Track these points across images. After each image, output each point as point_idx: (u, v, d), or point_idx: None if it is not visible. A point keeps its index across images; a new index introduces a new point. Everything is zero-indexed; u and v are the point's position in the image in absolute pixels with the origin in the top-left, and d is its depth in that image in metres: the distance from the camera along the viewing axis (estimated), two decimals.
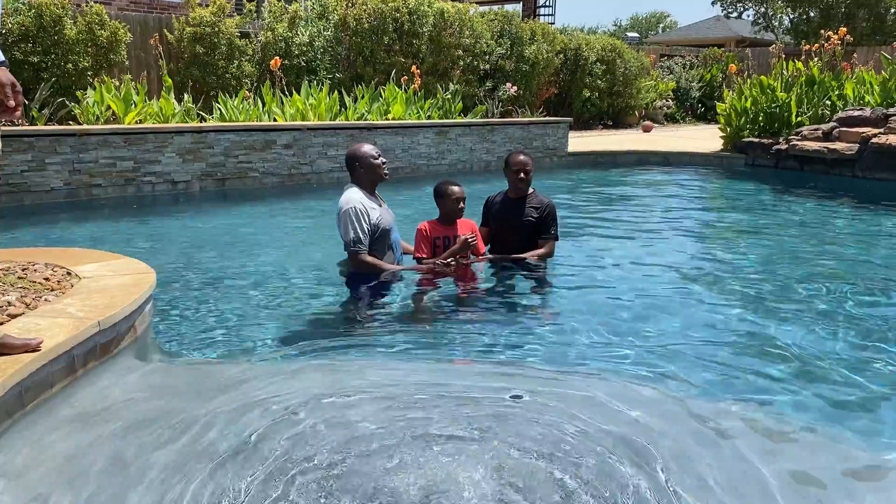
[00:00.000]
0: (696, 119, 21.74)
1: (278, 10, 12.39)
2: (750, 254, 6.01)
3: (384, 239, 4.54)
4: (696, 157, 12.57)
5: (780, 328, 3.98)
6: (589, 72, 17.60)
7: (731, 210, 8.57)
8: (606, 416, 2.86)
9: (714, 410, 2.99)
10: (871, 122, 10.42)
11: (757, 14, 33.62)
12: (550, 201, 4.97)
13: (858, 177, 10.11)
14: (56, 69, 9.27)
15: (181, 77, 11.12)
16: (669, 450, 2.58)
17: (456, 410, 2.87)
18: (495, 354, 3.61)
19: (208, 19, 11.26)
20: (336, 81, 12.06)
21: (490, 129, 11.43)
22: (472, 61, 13.89)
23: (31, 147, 7.30)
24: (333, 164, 9.48)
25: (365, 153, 4.54)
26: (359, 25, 12.30)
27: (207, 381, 3.20)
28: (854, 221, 7.48)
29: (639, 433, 2.70)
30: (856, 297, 4.58)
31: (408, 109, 10.88)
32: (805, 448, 2.73)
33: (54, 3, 9.36)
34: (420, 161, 10.48)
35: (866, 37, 27.49)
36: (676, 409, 2.99)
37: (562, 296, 4.60)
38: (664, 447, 2.60)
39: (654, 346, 3.69)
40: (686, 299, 4.57)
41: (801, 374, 3.39)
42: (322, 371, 3.39)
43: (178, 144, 8.24)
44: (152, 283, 3.73)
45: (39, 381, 2.78)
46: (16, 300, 3.30)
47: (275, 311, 4.22)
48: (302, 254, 5.74)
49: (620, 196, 9.44)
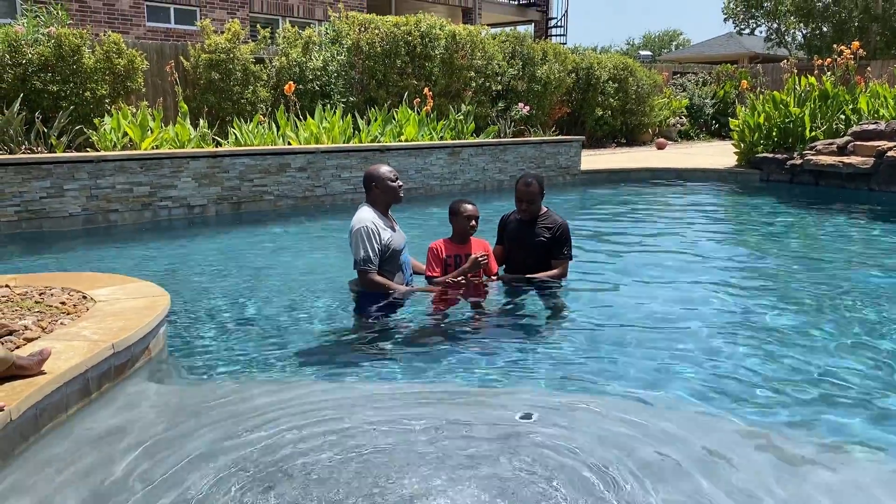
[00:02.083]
0: (710, 136, 21.69)
1: (292, 36, 12.56)
2: (767, 271, 5.96)
3: (394, 259, 4.56)
4: (711, 173, 12.53)
5: (801, 347, 3.95)
6: (601, 90, 17.64)
7: (747, 226, 8.51)
8: (617, 436, 2.84)
9: (732, 433, 2.96)
10: (887, 135, 10.36)
11: (769, 30, 33.61)
12: (564, 221, 4.94)
13: (875, 190, 10.04)
14: (75, 97, 9.43)
15: (197, 103, 11.28)
16: (678, 471, 2.56)
17: (464, 431, 2.87)
18: (505, 374, 3.60)
19: (223, 46, 11.43)
20: (350, 105, 12.17)
21: (502, 149, 11.47)
22: (485, 82, 13.97)
23: (49, 174, 7.41)
24: (347, 186, 9.55)
25: (382, 174, 4.56)
26: (372, 49, 12.42)
27: (221, 401, 3.22)
28: (875, 235, 7.40)
29: (650, 454, 2.68)
30: (879, 314, 4.54)
31: (420, 131, 10.95)
32: (816, 470, 2.70)
33: (73, 34, 9.54)
34: (433, 181, 10.53)
35: (880, 50, 27.39)
36: (686, 431, 2.97)
37: (575, 316, 4.58)
38: (673, 469, 2.58)
39: (670, 367, 3.66)
40: (702, 319, 4.53)
41: (814, 391, 3.35)
42: (334, 392, 3.40)
43: (193, 169, 8.34)
44: (166, 306, 3.77)
45: (54, 403, 2.81)
46: (32, 324, 3.35)
47: (287, 332, 4.24)
48: (314, 274, 5.77)
49: (634, 214, 9.42)
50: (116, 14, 15.26)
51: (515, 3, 26.05)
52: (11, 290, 3.93)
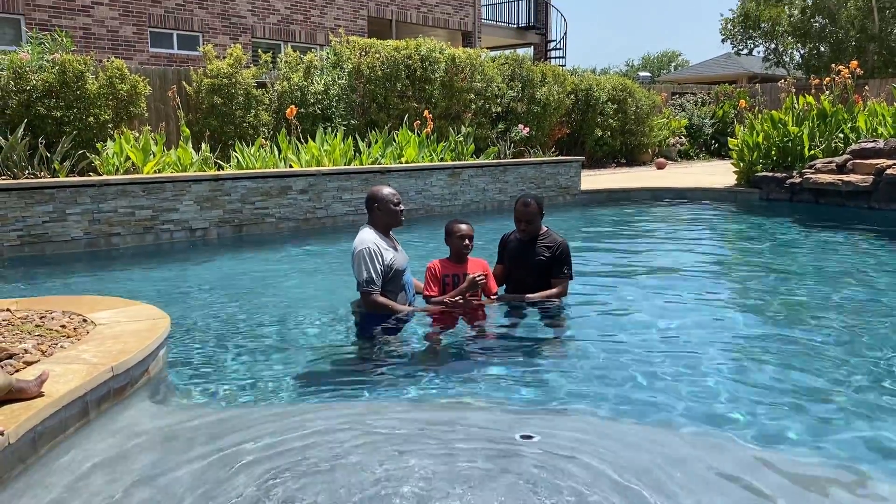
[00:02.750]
0: (709, 155, 21.77)
1: (294, 61, 12.68)
2: (768, 290, 5.96)
3: (397, 280, 4.57)
4: (711, 192, 12.56)
5: (801, 367, 3.94)
6: (600, 111, 17.75)
7: (747, 245, 8.52)
8: (616, 457, 2.84)
9: (734, 454, 2.95)
10: (885, 153, 10.39)
11: (767, 50, 33.84)
12: (563, 240, 4.96)
13: (875, 208, 10.05)
14: (78, 122, 9.51)
15: (199, 127, 11.37)
16: (680, 494, 2.55)
17: (466, 452, 2.86)
18: (505, 395, 3.60)
19: (225, 71, 11.54)
20: (351, 128, 12.25)
21: (502, 170, 11.53)
22: (484, 104, 14.07)
23: (52, 198, 7.46)
24: (348, 208, 9.59)
25: (385, 196, 4.59)
26: (372, 73, 12.53)
27: (221, 425, 3.22)
28: (876, 253, 7.40)
29: (649, 476, 2.67)
30: (881, 332, 4.53)
31: (421, 152, 11.02)
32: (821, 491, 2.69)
33: (77, 60, 9.65)
34: (433, 202, 10.57)
35: (878, 69, 27.54)
36: (687, 452, 2.96)
37: (575, 336, 4.58)
38: (675, 492, 2.57)
39: (668, 387, 3.65)
40: (702, 339, 4.52)
41: (815, 413, 3.34)
42: (334, 413, 3.40)
43: (195, 192, 8.38)
44: (166, 329, 3.79)
45: (53, 426, 2.81)
46: (32, 347, 3.36)
47: (288, 353, 4.24)
48: (316, 295, 5.78)
49: (634, 233, 9.43)
50: (120, 40, 15.43)
51: (515, 27, 26.27)
52: (12, 314, 3.95)
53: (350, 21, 19.54)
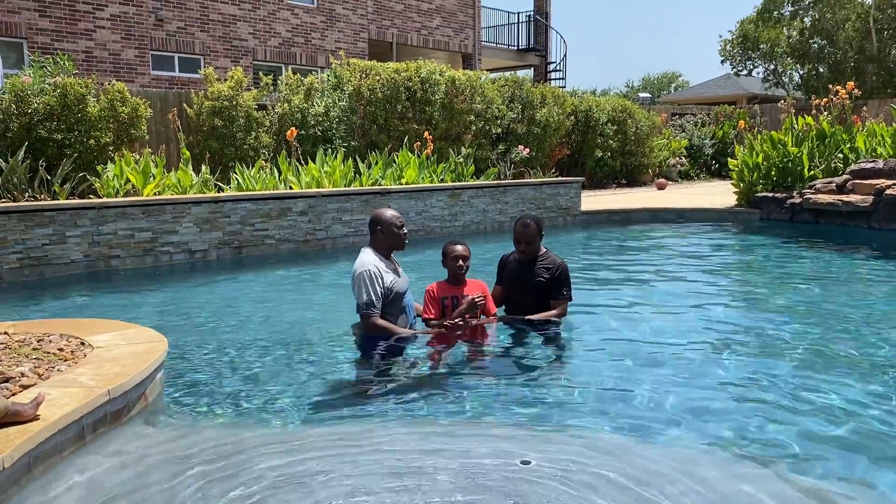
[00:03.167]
0: (710, 175, 21.83)
1: (295, 83, 12.75)
2: (770, 310, 5.94)
3: (397, 302, 4.55)
4: (711, 213, 12.57)
5: (800, 386, 3.92)
6: (600, 132, 17.82)
7: (748, 265, 8.51)
8: (617, 476, 2.81)
9: (735, 474, 2.92)
10: (885, 173, 10.42)
11: (766, 71, 34.05)
12: (563, 262, 4.95)
13: (875, 228, 10.05)
14: (79, 145, 9.53)
15: (200, 149, 11.40)
16: None
17: (466, 475, 2.83)
18: (506, 417, 3.57)
19: (226, 93, 11.60)
20: (351, 149, 12.29)
21: (503, 191, 11.55)
22: (484, 125, 14.13)
23: (52, 221, 7.47)
24: (348, 229, 9.60)
25: (388, 219, 4.57)
26: (373, 95, 12.60)
27: (217, 447, 3.19)
28: (877, 274, 7.38)
29: (651, 494, 2.64)
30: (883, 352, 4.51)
31: (421, 174, 11.05)
32: None
33: (78, 83, 9.70)
34: (433, 223, 10.58)
35: (877, 90, 27.69)
36: (689, 476, 2.93)
37: (574, 357, 4.56)
38: None
39: (668, 408, 3.63)
40: (702, 359, 4.50)
41: (816, 431, 3.32)
42: (333, 436, 3.37)
43: (195, 214, 8.39)
44: (164, 352, 3.77)
45: (48, 450, 2.79)
46: (29, 371, 3.34)
47: (287, 376, 4.21)
48: (316, 318, 5.76)
49: (635, 254, 9.43)
50: (122, 63, 15.54)
51: (515, 49, 26.46)
52: (10, 337, 3.93)
53: (351, 44, 19.69)
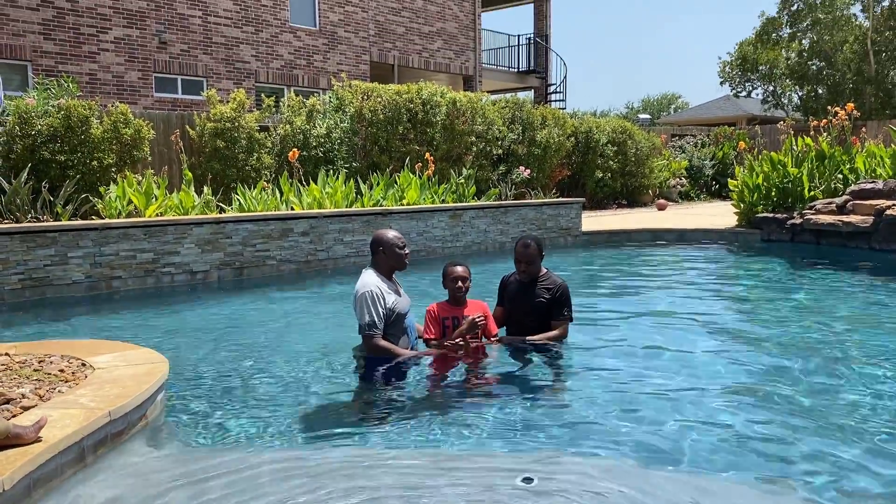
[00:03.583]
0: (710, 196, 21.88)
1: (297, 105, 12.82)
2: (771, 332, 5.93)
3: (399, 323, 4.55)
4: (712, 233, 12.58)
5: (800, 412, 3.91)
6: (600, 153, 17.90)
7: (749, 286, 8.51)
8: (618, 500, 2.79)
9: (743, 497, 2.91)
10: (885, 194, 10.44)
11: (765, 92, 34.25)
12: (563, 282, 4.95)
13: (875, 249, 10.06)
14: (82, 166, 9.58)
15: (202, 170, 11.44)
16: None
17: (468, 497, 2.82)
18: (505, 438, 3.56)
19: (229, 115, 11.66)
20: (353, 170, 12.34)
21: (504, 211, 11.59)
22: (485, 146, 14.20)
23: (54, 242, 7.48)
24: (349, 250, 9.62)
25: (390, 240, 4.58)
26: (374, 116, 12.68)
27: (218, 468, 3.18)
28: (879, 295, 7.37)
29: None
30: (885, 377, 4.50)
31: (422, 194, 11.09)
32: None
33: (82, 105, 9.77)
34: (435, 244, 10.60)
35: (875, 111, 27.84)
36: (691, 495, 2.92)
37: (575, 378, 4.55)
38: None
39: (668, 430, 3.61)
40: (703, 382, 4.47)
41: (824, 458, 3.30)
42: (334, 458, 3.36)
43: (197, 235, 8.41)
44: (165, 373, 3.77)
45: (49, 472, 2.78)
46: (30, 392, 3.34)
47: (288, 398, 4.21)
48: (317, 338, 5.75)
49: (636, 275, 9.43)
50: (125, 85, 15.66)
51: (515, 71, 26.67)
52: (11, 359, 3.93)
53: (353, 66, 19.83)
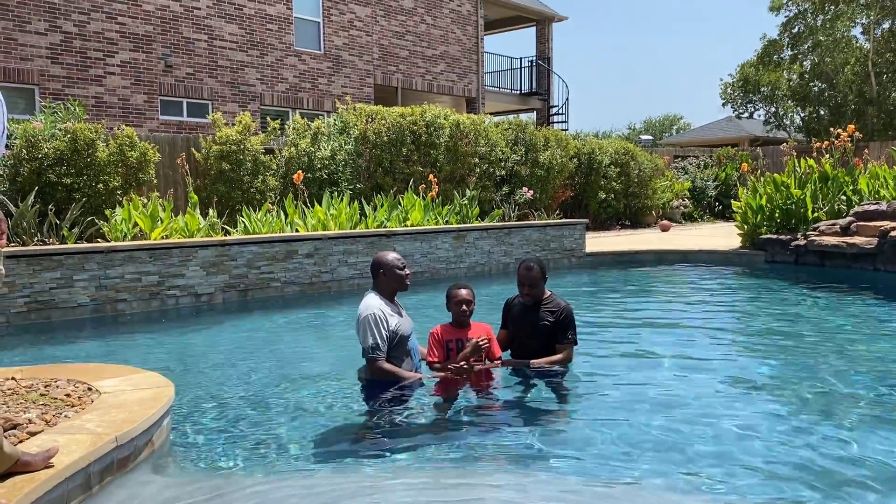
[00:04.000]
0: (714, 217, 21.90)
1: (302, 127, 12.92)
2: (779, 356, 5.91)
3: (402, 345, 4.55)
4: (716, 254, 12.57)
5: (809, 434, 3.89)
6: (603, 174, 17.97)
7: (753, 308, 8.48)
8: None
9: None
10: (889, 215, 10.44)
11: (768, 114, 34.39)
12: (567, 305, 4.95)
13: (880, 270, 10.04)
14: (88, 189, 9.64)
15: (207, 192, 11.50)
16: None
17: None
18: (509, 462, 3.55)
19: (234, 137, 11.74)
20: (357, 192, 12.40)
21: (507, 232, 11.61)
22: (489, 168, 14.27)
23: (59, 265, 7.51)
24: (354, 272, 9.63)
25: (390, 262, 4.61)
26: (378, 139, 12.76)
27: (224, 493, 3.17)
28: (884, 317, 7.35)
29: None
30: None
31: (426, 216, 11.13)
32: None
33: (88, 128, 9.85)
34: (439, 265, 10.62)
35: (878, 132, 27.91)
36: None
37: (580, 402, 4.54)
38: None
39: (675, 455, 3.59)
40: (708, 405, 4.46)
41: (828, 481, 3.29)
42: (338, 482, 3.35)
43: (202, 258, 8.44)
44: (171, 397, 3.77)
45: (55, 498, 2.77)
46: (36, 417, 3.34)
47: (293, 422, 4.20)
48: (321, 362, 5.75)
49: (640, 296, 9.42)
50: (131, 108, 15.77)
51: (518, 93, 26.83)
52: (17, 383, 3.94)
53: (357, 89, 19.98)
